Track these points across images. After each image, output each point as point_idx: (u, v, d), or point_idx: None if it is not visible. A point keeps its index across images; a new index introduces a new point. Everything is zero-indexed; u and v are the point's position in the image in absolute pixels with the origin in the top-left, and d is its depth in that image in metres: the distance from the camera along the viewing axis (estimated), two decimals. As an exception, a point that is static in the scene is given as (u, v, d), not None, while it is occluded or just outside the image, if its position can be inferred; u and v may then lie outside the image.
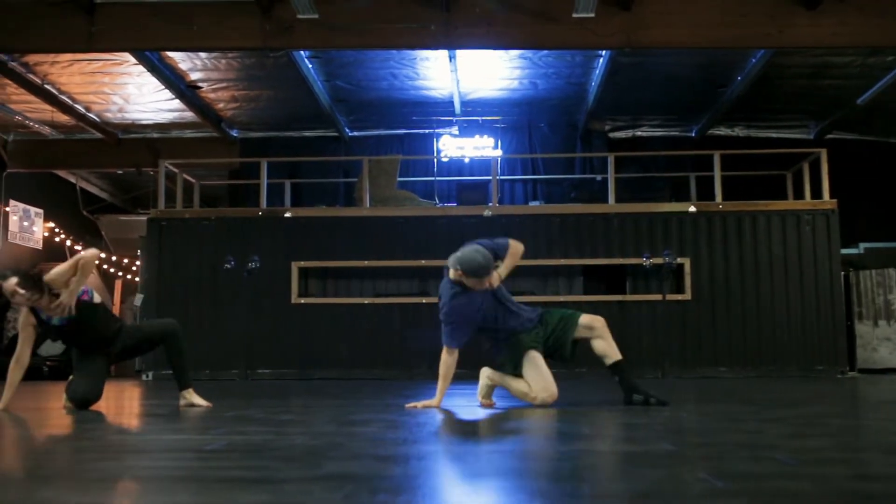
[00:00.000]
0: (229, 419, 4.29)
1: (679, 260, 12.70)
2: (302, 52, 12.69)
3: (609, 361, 5.53)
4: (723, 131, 16.23)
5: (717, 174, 13.31)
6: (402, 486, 2.15)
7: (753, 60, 12.93)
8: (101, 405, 5.78)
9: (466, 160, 16.26)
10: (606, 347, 5.54)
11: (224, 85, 14.17)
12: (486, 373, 5.77)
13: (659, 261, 12.23)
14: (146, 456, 2.72)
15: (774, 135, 16.31)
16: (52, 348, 15.07)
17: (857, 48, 12.09)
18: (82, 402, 5.39)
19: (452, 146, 16.31)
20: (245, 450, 2.87)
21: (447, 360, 5.48)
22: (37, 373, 14.55)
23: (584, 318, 5.57)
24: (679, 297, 12.84)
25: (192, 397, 5.53)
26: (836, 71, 13.41)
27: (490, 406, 5.56)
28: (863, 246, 15.20)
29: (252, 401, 6.16)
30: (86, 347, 5.54)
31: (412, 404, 5.27)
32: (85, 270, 5.20)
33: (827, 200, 13.02)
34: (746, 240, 13.03)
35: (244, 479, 2.18)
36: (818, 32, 10.99)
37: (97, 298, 5.53)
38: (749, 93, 13.96)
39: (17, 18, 11.22)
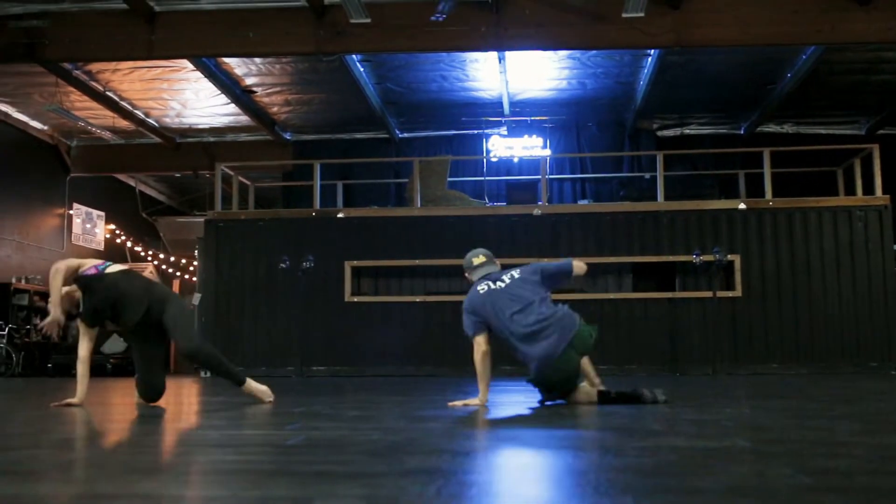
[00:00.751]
0: (298, 415, 4.32)
1: (729, 257, 12.54)
2: (354, 56, 12.76)
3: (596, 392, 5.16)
4: (772, 128, 16.00)
5: (767, 171, 13.13)
6: (489, 481, 2.14)
7: (804, 57, 12.73)
8: (169, 401, 5.86)
9: (515, 160, 16.22)
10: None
11: (278, 89, 14.30)
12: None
13: (709, 258, 12.09)
14: (231, 450, 2.74)
15: (824, 131, 16.03)
16: (115, 346, 15.33)
17: (912, 42, 11.83)
18: (153, 396, 5.49)
19: (501, 146, 16.28)
20: (326, 445, 2.89)
21: (475, 356, 5.23)
22: (101, 370, 14.82)
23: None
24: (729, 293, 12.68)
25: (252, 388, 5.43)
26: (888, 66, 13.17)
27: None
28: (916, 241, 14.85)
29: (313, 397, 6.20)
30: (130, 320, 5.42)
31: (455, 403, 5.13)
32: (51, 281, 5.33)
33: (879, 196, 12.78)
34: (797, 236, 12.83)
35: (335, 473, 2.19)
36: (871, 28, 10.79)
37: (113, 268, 5.47)
38: (799, 89, 13.76)
39: (82, 29, 11.45)
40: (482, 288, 5.22)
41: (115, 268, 5.50)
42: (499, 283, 5.21)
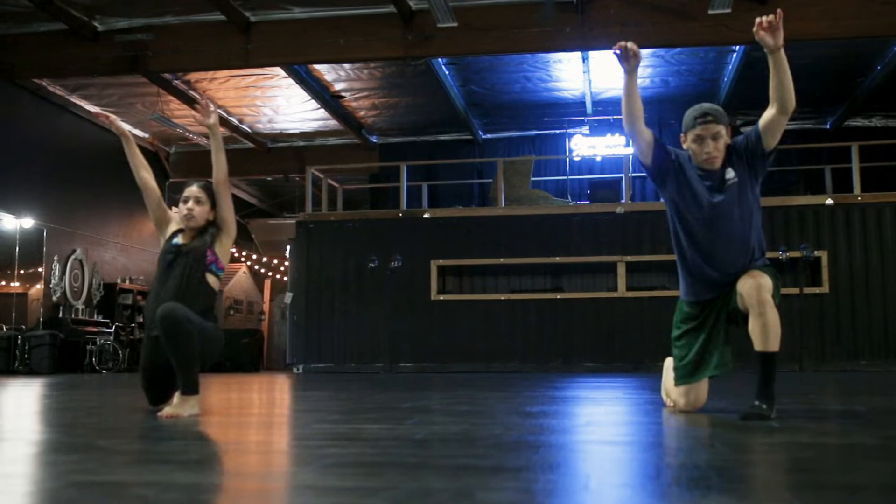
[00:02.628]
0: (409, 410, 4.34)
1: (816, 253, 12.21)
2: (440, 60, 12.81)
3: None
4: (859, 122, 15.51)
5: (856, 165, 12.74)
6: (636, 478, 2.12)
7: (895, 49, 12.30)
8: (270, 395, 5.96)
9: (598, 159, 16.08)
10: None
11: (365, 94, 14.44)
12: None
13: (796, 254, 11.79)
14: (366, 444, 2.77)
15: (915, 124, 15.47)
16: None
17: None
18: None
19: (584, 145, 16.15)
20: (455, 439, 2.89)
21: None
22: (219, 367, 15.15)
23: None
24: (816, 290, 12.36)
25: (189, 402, 3.95)
26: (982, 56, 12.63)
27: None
28: None
29: (415, 393, 6.23)
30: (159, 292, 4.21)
31: None
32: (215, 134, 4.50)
33: (973, 190, 12.28)
34: (887, 231, 12.42)
35: (479, 467, 2.19)
36: (966, 17, 10.38)
37: (213, 282, 4.30)
38: (888, 82, 13.32)
39: (182, 41, 11.76)
40: None
41: (214, 281, 4.36)
42: None
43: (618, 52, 3.80)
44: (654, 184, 4.11)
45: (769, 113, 3.77)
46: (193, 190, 4.44)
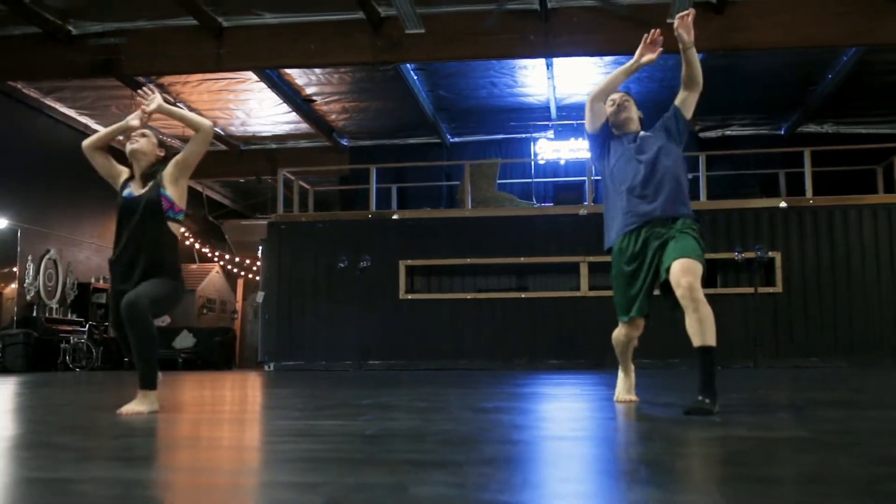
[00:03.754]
0: (368, 407, 4.35)
1: (770, 254, 12.36)
2: (408, 65, 12.80)
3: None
4: (812, 128, 15.71)
5: (808, 170, 12.92)
6: (567, 471, 2.14)
7: (844, 59, 12.50)
8: (239, 393, 5.93)
9: (562, 162, 16.16)
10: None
11: (336, 98, 14.40)
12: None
13: (750, 255, 11.93)
14: (317, 440, 2.77)
15: (864, 130, 15.69)
16: (186, 341, 15.58)
17: (950, 43, 11.54)
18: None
19: (548, 149, 16.23)
20: (404, 435, 2.90)
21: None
22: (171, 364, 15.07)
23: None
24: (770, 289, 12.50)
25: (146, 399, 3.92)
26: (927, 66, 12.85)
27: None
28: (955, 237, 14.49)
29: (378, 390, 6.23)
30: (117, 249, 4.11)
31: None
32: (193, 124, 4.39)
33: (919, 193, 12.50)
34: (837, 234, 12.59)
35: (421, 461, 2.20)
36: (911, 29, 10.55)
37: (174, 228, 4.16)
38: (839, 90, 13.52)
39: (156, 45, 11.66)
40: None
41: (176, 228, 4.26)
42: None
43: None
44: (597, 148, 4.42)
45: (683, 94, 4.49)
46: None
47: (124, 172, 4.40)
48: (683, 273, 3.81)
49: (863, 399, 4.89)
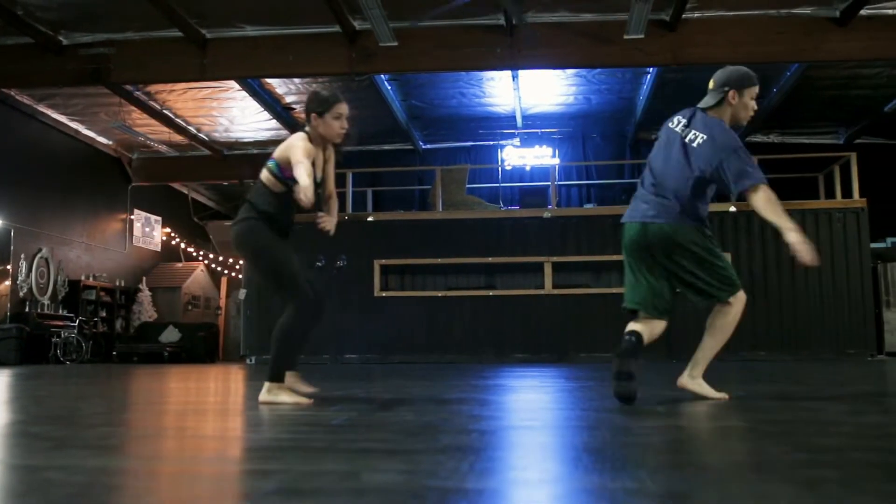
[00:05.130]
0: (337, 398, 4.33)
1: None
2: (382, 76, 12.77)
3: None
4: (759, 138, 15.88)
5: (756, 177, 13.03)
6: (513, 458, 2.14)
7: (788, 73, 12.64)
8: (222, 386, 5.89)
9: (528, 168, 16.21)
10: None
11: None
12: None
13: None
14: (282, 429, 2.75)
15: (807, 140, 15.90)
16: (171, 336, 15.43)
17: (885, 60, 11.74)
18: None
19: (515, 156, 16.27)
20: (367, 425, 2.89)
21: (771, 197, 3.77)
22: (158, 358, 14.92)
23: None
24: (721, 288, 12.58)
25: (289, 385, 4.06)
26: (864, 81, 13.04)
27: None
28: (890, 240, 14.71)
29: (350, 382, 6.21)
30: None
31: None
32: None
33: (857, 199, 12.66)
34: (782, 236, 12.71)
35: (377, 450, 2.19)
36: (849, 47, 10.69)
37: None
38: (784, 103, 13.66)
39: (143, 55, 11.54)
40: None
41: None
42: None
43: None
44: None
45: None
46: (346, 107, 4.15)
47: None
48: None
49: (800, 391, 4.94)
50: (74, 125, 15.00)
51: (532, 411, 3.67)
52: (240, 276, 17.06)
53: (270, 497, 1.53)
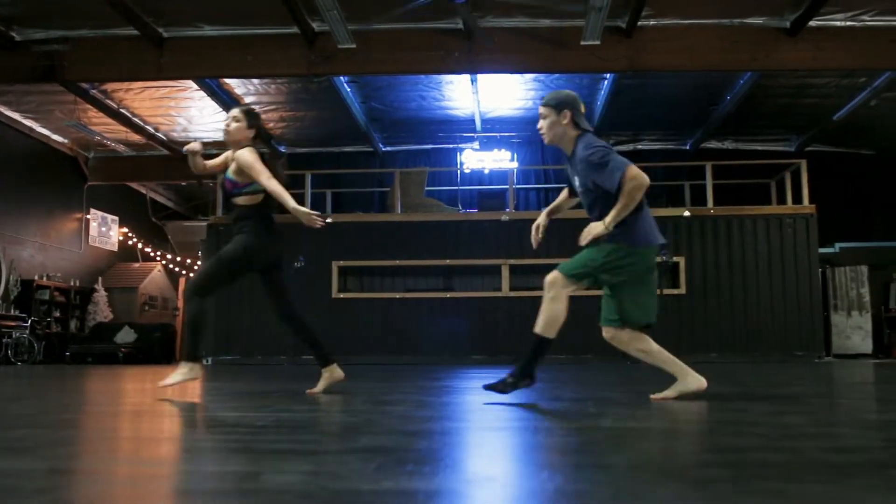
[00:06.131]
0: (274, 398, 4.33)
1: (675, 259, 12.63)
2: (342, 78, 12.74)
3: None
4: (714, 144, 16.12)
5: (709, 182, 13.23)
6: (426, 458, 2.15)
7: (741, 82, 12.83)
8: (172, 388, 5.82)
9: (486, 171, 16.27)
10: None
11: (273, 107, 14.26)
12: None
13: (658, 259, 12.13)
14: (208, 430, 2.74)
15: (760, 147, 16.18)
16: (127, 336, 15.22)
17: (833, 70, 11.98)
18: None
19: (474, 159, 16.33)
20: (291, 426, 2.89)
21: (643, 182, 3.94)
22: (113, 358, 14.72)
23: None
24: (675, 291, 12.77)
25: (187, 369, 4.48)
26: (814, 91, 13.28)
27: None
28: (838, 245, 15.05)
29: (297, 382, 6.20)
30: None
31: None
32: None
33: (806, 205, 12.91)
34: (735, 241, 12.93)
35: (291, 451, 2.20)
36: (799, 57, 10.89)
37: (243, 200, 4.68)
38: (737, 110, 13.88)
39: (98, 52, 11.39)
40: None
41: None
42: None
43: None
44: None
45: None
46: (233, 111, 4.74)
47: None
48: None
49: (735, 392, 5.03)
50: (29, 123, 14.76)
51: (466, 412, 3.70)
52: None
53: (161, 500, 1.53)
